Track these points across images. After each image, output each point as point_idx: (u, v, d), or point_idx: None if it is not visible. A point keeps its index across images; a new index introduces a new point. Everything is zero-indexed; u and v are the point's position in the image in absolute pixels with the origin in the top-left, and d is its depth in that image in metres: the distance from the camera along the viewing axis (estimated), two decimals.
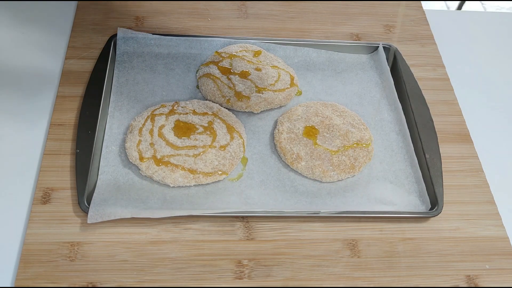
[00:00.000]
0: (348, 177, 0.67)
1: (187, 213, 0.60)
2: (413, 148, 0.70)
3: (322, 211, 0.63)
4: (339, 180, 0.67)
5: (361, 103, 0.76)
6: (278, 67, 0.76)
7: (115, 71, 0.74)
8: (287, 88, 0.74)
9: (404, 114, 0.73)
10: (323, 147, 0.67)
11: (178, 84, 0.75)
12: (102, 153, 0.65)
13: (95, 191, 0.61)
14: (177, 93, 0.73)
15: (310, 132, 0.69)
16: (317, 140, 0.68)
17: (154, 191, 0.63)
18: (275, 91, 0.73)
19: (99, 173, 0.64)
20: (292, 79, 0.75)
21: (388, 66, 0.79)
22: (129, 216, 0.59)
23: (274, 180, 0.66)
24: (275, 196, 0.65)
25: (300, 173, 0.67)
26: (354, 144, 0.68)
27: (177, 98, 0.73)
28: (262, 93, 0.72)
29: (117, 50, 0.76)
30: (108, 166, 0.64)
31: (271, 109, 0.74)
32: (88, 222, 0.58)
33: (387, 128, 0.73)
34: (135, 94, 0.72)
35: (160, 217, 0.60)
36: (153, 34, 0.78)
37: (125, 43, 0.77)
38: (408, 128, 0.72)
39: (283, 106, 0.74)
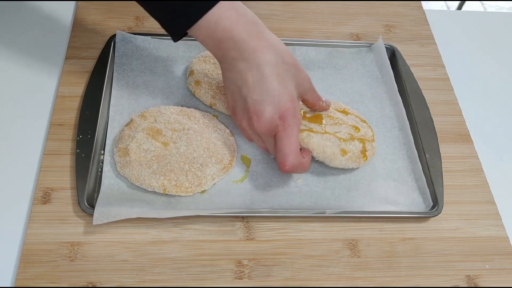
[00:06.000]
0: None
1: (194, 213, 0.60)
2: (414, 144, 0.70)
3: (327, 211, 0.63)
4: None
5: (362, 101, 0.76)
6: None
7: (114, 74, 0.73)
8: None
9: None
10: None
11: (178, 86, 0.74)
12: (105, 158, 0.65)
13: (100, 194, 0.61)
14: (178, 96, 0.73)
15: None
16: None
17: (158, 194, 0.63)
18: None
19: (103, 177, 0.63)
20: None
21: (387, 59, 0.79)
22: (135, 216, 0.59)
23: (278, 181, 0.66)
24: (279, 197, 0.64)
25: (303, 174, 0.67)
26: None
27: (177, 101, 0.72)
28: None
29: (115, 53, 0.76)
30: (111, 171, 0.64)
31: None
32: (94, 224, 0.58)
33: (389, 125, 0.73)
34: (135, 97, 0.72)
35: (164, 217, 0.60)
36: (152, 36, 0.78)
37: (124, 46, 0.77)
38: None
39: None
